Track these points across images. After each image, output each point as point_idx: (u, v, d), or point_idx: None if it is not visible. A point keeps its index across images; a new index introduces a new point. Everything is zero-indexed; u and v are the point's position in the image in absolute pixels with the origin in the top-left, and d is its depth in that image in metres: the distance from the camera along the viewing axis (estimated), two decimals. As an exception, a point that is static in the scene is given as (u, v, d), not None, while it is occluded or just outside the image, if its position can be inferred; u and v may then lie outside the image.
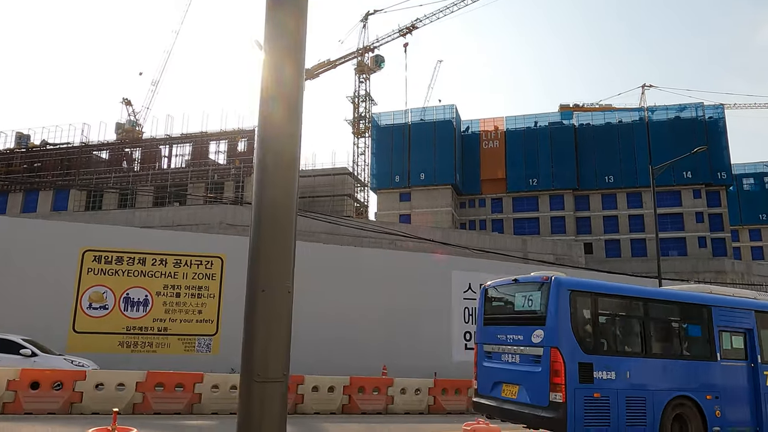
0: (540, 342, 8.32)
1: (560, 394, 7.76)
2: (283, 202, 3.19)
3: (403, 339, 21.41)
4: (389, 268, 22.17)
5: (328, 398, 12.45)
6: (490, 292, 10.18)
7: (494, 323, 9.66)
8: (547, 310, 8.38)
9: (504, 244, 46.62)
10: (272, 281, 3.02)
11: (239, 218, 37.08)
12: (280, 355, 2.95)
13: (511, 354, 8.87)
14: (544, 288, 8.60)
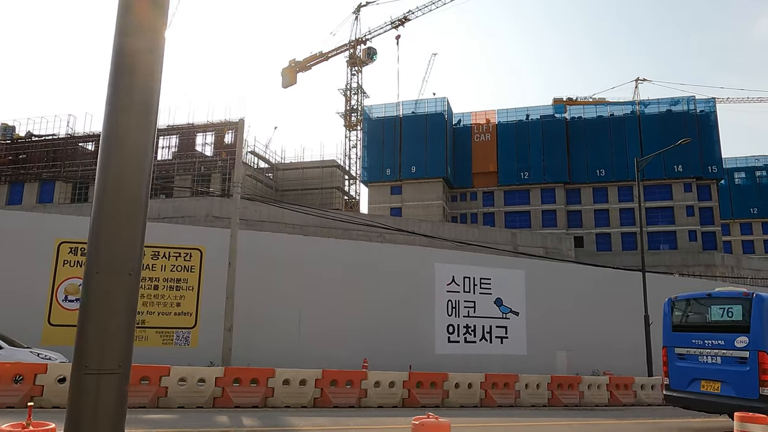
0: (745, 347, 10.18)
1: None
2: (129, 181, 2.93)
3: (386, 332, 21.23)
4: (372, 261, 21.95)
5: (299, 392, 12.25)
6: (679, 304, 12.06)
7: (686, 330, 11.51)
8: (751, 319, 10.19)
9: (493, 238, 46.50)
10: (111, 263, 2.77)
11: (226, 211, 36.72)
12: (117, 343, 2.67)
13: (710, 356, 10.78)
14: (746, 302, 10.43)
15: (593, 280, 26.46)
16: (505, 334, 23.61)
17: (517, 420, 12.07)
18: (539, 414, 13.27)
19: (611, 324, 25.15)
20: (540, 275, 25.07)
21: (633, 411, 14.84)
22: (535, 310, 24.18)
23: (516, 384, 14.56)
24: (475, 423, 11.08)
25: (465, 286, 23.20)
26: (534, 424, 11.56)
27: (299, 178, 49.01)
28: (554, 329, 24.32)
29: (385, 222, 42.64)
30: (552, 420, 12.14)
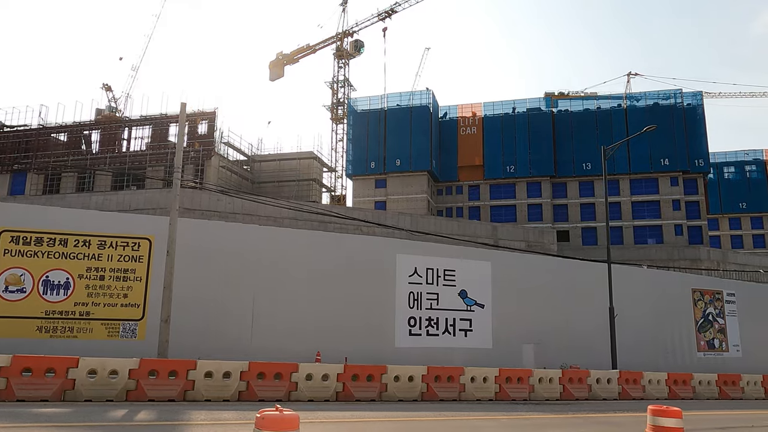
0: None
1: None
2: None
3: (343, 325, 20.63)
4: (331, 252, 21.31)
5: (222, 385, 11.64)
6: None
7: None
8: None
9: (473, 231, 45.94)
10: None
11: (197, 202, 36.11)
12: None
13: None
14: None
15: (563, 271, 25.92)
16: (469, 327, 23.02)
17: (419, 415, 11.19)
18: (471, 408, 12.66)
19: (582, 316, 24.64)
20: (507, 267, 24.50)
21: (581, 405, 14.29)
22: (501, 303, 23.60)
23: (461, 377, 13.98)
24: (354, 418, 10.32)
25: (428, 277, 22.60)
26: (425, 419, 10.72)
27: (276, 170, 48.28)
28: (522, 322, 23.77)
29: (364, 215, 42.05)
30: (463, 414, 11.41)
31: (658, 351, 26.34)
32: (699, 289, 29.28)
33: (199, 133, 40.47)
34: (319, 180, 52.91)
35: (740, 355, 29.70)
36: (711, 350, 28.80)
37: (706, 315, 29.15)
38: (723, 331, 29.53)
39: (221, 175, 41.33)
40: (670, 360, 26.76)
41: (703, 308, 29.17)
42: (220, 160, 41.45)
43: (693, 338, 28.37)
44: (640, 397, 16.89)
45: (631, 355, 24.66)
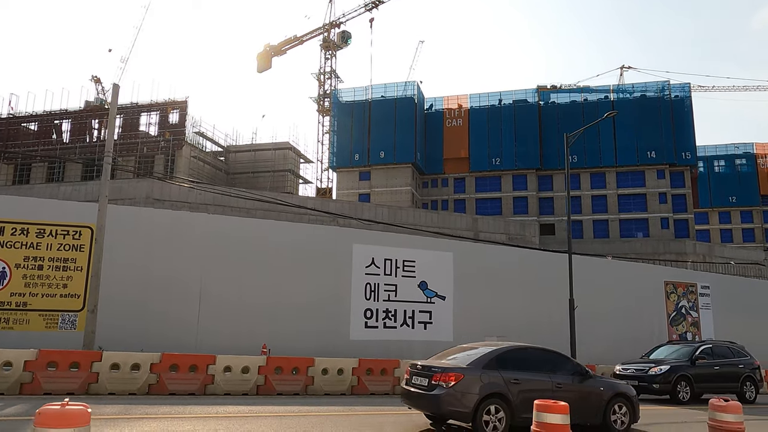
0: None
1: None
2: None
3: (295, 316, 19.99)
4: (284, 241, 20.65)
5: (131, 377, 11.01)
6: None
7: None
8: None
9: (453, 223, 45.33)
10: None
11: (167, 193, 35.43)
12: None
13: None
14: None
15: (529, 263, 25.30)
16: (429, 320, 22.41)
17: (322, 409, 10.35)
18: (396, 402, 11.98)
19: (547, 309, 24.03)
20: (471, 258, 23.86)
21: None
22: (464, 295, 22.98)
23: (395, 370, 13.35)
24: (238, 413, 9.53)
25: (386, 268, 21.96)
26: (320, 414, 9.95)
27: (251, 161, 47.54)
28: (485, 314, 23.15)
29: (339, 207, 41.40)
30: (381, 409, 10.68)
31: (627, 344, 25.75)
32: (672, 282, 28.70)
33: (170, 122, 39.71)
34: (295, 171, 52.14)
35: (714, 349, 29.14)
36: (683, 344, 28.24)
37: (678, 308, 28.59)
38: (696, 325, 28.98)
39: (193, 166, 40.56)
40: (641, 353, 26.19)
41: (676, 301, 28.60)
42: (191, 150, 40.67)
43: (665, 331, 27.81)
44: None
45: (597, 349, 24.12)
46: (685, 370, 15.52)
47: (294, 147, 51.28)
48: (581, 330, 23.65)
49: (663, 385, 15.09)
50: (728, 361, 16.88)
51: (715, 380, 16.10)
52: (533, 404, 6.71)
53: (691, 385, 15.41)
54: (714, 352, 16.99)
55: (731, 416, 7.55)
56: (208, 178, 41.60)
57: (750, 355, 18.14)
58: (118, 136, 40.68)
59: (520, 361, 9.58)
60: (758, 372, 17.12)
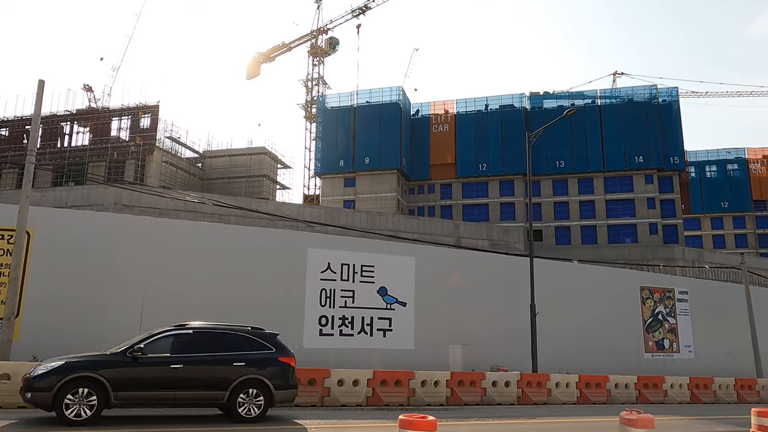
0: None
1: None
2: None
3: (243, 323, 19.12)
4: (234, 246, 19.87)
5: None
6: None
7: None
8: None
9: (434, 229, 44.54)
10: None
11: (136, 199, 34.63)
12: None
13: None
14: None
15: (496, 268, 24.51)
16: (389, 327, 21.59)
17: None
18: (311, 415, 11.21)
19: (515, 315, 23.15)
20: (434, 263, 23.08)
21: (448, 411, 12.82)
22: (426, 301, 22.18)
23: (325, 380, 12.53)
24: None
25: (343, 273, 21.16)
26: None
27: (226, 166, 46.84)
28: (449, 321, 22.34)
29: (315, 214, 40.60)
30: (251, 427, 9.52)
31: (600, 352, 24.86)
32: (648, 287, 27.88)
33: (141, 127, 39.04)
34: (271, 176, 51.40)
35: (692, 356, 28.28)
36: (660, 351, 27.39)
37: (655, 314, 27.75)
38: (674, 331, 28.12)
39: (165, 171, 39.80)
40: (615, 362, 25.27)
41: (653, 307, 27.77)
42: (163, 155, 39.93)
43: (640, 338, 26.97)
44: (544, 402, 15.45)
45: (567, 355, 23.25)
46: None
47: (270, 152, 50.55)
48: (549, 336, 22.82)
49: None
50: None
51: None
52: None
53: None
54: None
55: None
56: (182, 183, 40.91)
57: None
58: (89, 141, 40.09)
59: None
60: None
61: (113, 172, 38.05)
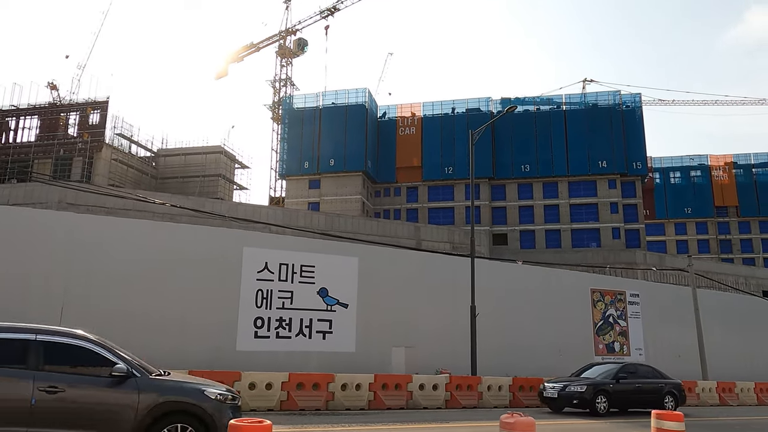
0: None
1: None
2: None
3: (173, 324, 18.33)
4: (162, 244, 19.02)
5: None
6: None
7: None
8: None
9: (395, 231, 44.11)
10: None
11: (83, 197, 33.46)
12: None
13: None
14: None
15: (441, 269, 24.02)
16: (329, 329, 20.90)
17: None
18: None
19: (459, 316, 22.69)
20: (378, 263, 22.48)
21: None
22: (369, 302, 21.56)
23: (236, 384, 11.85)
24: None
25: (281, 273, 20.43)
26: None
27: (181, 165, 45.76)
28: (393, 323, 21.77)
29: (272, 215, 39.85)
30: None
31: (549, 355, 24.55)
32: (599, 290, 27.73)
33: (91, 123, 37.75)
34: (228, 176, 50.42)
35: (643, 358, 28.15)
36: (610, 354, 27.22)
37: (606, 316, 27.59)
38: (624, 334, 28.00)
39: (115, 169, 38.57)
40: (564, 364, 24.98)
41: (603, 309, 27.61)
42: (113, 152, 38.74)
43: (590, 341, 26.76)
44: (474, 405, 15.02)
45: (515, 359, 22.88)
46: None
47: (227, 151, 49.59)
48: (495, 338, 22.45)
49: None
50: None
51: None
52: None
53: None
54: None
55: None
56: (133, 182, 39.74)
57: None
58: (35, 137, 38.69)
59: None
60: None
61: (60, 170, 36.75)
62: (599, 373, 17.48)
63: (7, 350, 6.36)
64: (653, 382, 17.59)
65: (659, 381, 17.79)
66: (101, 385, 6.48)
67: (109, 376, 6.50)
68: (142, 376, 6.75)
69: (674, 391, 17.57)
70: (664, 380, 17.95)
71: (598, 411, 15.47)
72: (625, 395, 16.44)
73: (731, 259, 78.82)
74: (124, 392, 6.50)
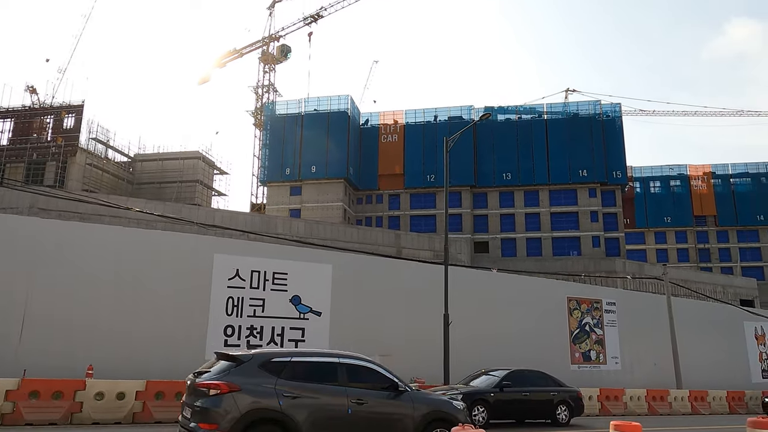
0: None
1: None
2: None
3: (140, 332, 17.92)
4: (131, 249, 18.62)
5: None
6: None
7: None
8: None
9: (375, 239, 43.89)
10: None
11: (54, 202, 32.82)
12: None
13: None
14: None
15: (419, 277, 23.86)
16: (301, 337, 20.62)
17: None
18: None
19: (434, 325, 22.50)
20: (353, 270, 22.28)
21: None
22: (343, 310, 21.31)
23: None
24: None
25: (253, 281, 20.13)
26: None
27: (158, 170, 45.18)
28: (367, 331, 21.52)
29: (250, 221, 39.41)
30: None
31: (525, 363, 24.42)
32: (575, 298, 27.75)
33: (65, 126, 37.12)
34: (205, 182, 49.86)
35: (619, 367, 28.21)
36: (586, 362, 27.20)
37: (582, 325, 27.59)
38: (601, 343, 28.01)
39: (89, 174, 37.91)
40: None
41: (580, 318, 27.60)
42: (87, 157, 38.10)
43: (567, 349, 26.71)
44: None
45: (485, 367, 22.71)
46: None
47: (205, 157, 49.07)
48: (470, 347, 22.32)
49: None
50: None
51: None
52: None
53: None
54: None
55: None
56: (108, 187, 39.11)
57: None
58: (7, 140, 37.94)
59: None
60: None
61: (33, 174, 36.02)
62: (486, 381, 16.26)
63: (325, 371, 8.20)
64: (544, 390, 16.44)
65: (552, 389, 16.63)
66: (388, 398, 8.38)
67: (393, 390, 8.45)
68: (411, 390, 8.69)
69: (569, 401, 16.47)
70: (558, 388, 16.81)
71: (473, 423, 14.64)
72: (510, 405, 15.33)
73: (710, 268, 79.67)
74: (403, 403, 8.43)
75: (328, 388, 7.88)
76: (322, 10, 74.52)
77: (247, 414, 7.11)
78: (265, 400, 7.34)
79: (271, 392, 7.41)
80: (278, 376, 7.67)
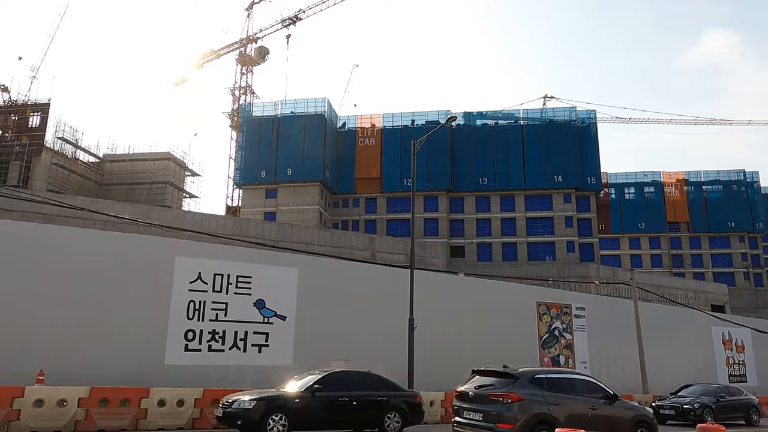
0: None
1: None
2: None
3: (95, 337, 17.37)
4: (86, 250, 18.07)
5: None
6: None
7: None
8: None
9: (349, 242, 43.59)
10: None
11: (17, 203, 31.95)
12: None
13: None
14: None
15: (386, 281, 23.61)
16: (265, 342, 20.21)
17: None
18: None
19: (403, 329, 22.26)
20: (319, 274, 21.94)
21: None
22: (309, 314, 20.96)
23: (142, 400, 11.10)
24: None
25: (215, 284, 19.69)
26: None
27: (128, 171, 44.39)
28: (333, 336, 21.21)
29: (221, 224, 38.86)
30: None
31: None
32: (545, 303, 27.75)
33: (30, 126, 36.20)
34: (177, 183, 49.12)
35: (588, 372, 28.22)
36: (555, 367, 27.19)
37: (551, 330, 27.60)
38: (570, 347, 28.06)
39: (55, 174, 37.04)
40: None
41: (549, 322, 27.62)
42: (53, 156, 37.24)
43: (536, 354, 26.69)
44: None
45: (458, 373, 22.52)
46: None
47: (176, 158, 48.34)
48: (436, 351, 22.15)
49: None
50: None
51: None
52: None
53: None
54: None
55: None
56: (75, 187, 38.23)
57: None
58: (-29, 140, 36.94)
59: None
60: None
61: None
62: (296, 385, 14.08)
63: (568, 384, 10.94)
64: (370, 394, 14.18)
65: (380, 393, 14.39)
66: (607, 404, 10.85)
67: (609, 399, 10.98)
68: (620, 399, 11.20)
69: (403, 407, 14.40)
70: (390, 392, 14.66)
71: None
72: (319, 412, 13.13)
73: (683, 273, 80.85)
74: (619, 408, 11.06)
75: (573, 397, 10.48)
76: (301, 13, 74.25)
77: (533, 417, 9.62)
78: (541, 406, 9.83)
79: (541, 401, 9.92)
80: (542, 388, 10.17)
